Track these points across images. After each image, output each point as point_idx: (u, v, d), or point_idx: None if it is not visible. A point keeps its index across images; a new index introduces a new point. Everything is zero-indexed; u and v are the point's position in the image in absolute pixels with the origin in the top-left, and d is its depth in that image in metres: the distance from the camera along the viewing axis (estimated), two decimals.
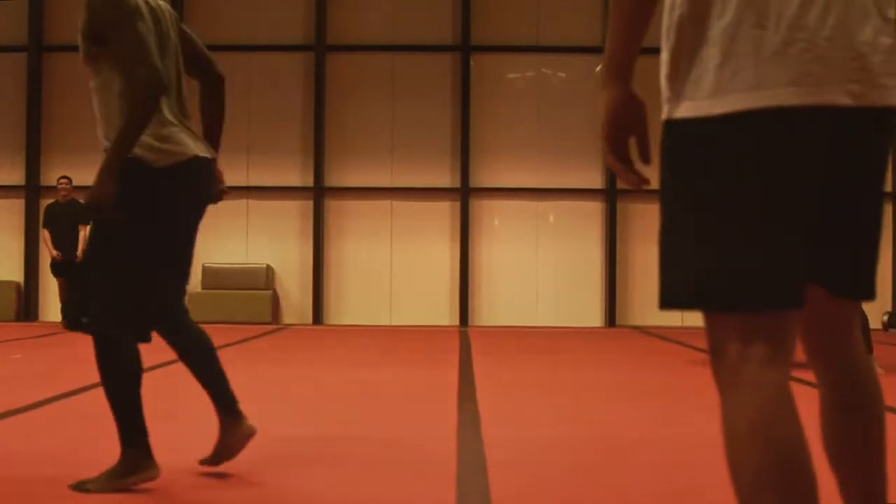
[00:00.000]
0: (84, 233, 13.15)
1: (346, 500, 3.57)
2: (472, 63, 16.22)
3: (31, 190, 16.13)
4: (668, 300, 1.89)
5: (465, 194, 16.03)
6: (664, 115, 1.92)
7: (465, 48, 16.18)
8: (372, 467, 4.14)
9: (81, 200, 13.38)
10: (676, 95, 1.89)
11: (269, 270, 16.08)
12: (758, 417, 1.77)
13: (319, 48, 16.22)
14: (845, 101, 1.83)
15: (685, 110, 1.86)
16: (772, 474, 1.74)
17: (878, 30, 1.88)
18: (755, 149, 1.81)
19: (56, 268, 13.29)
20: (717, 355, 1.86)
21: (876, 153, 1.94)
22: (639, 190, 2.09)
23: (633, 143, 2.00)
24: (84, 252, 3.84)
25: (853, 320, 2.05)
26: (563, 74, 16.24)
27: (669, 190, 1.89)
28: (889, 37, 1.89)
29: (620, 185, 16.06)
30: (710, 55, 1.84)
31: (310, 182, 16.23)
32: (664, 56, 1.92)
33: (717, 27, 1.83)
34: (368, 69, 16.33)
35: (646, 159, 1.95)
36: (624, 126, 1.97)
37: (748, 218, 1.81)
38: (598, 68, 16.28)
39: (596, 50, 16.24)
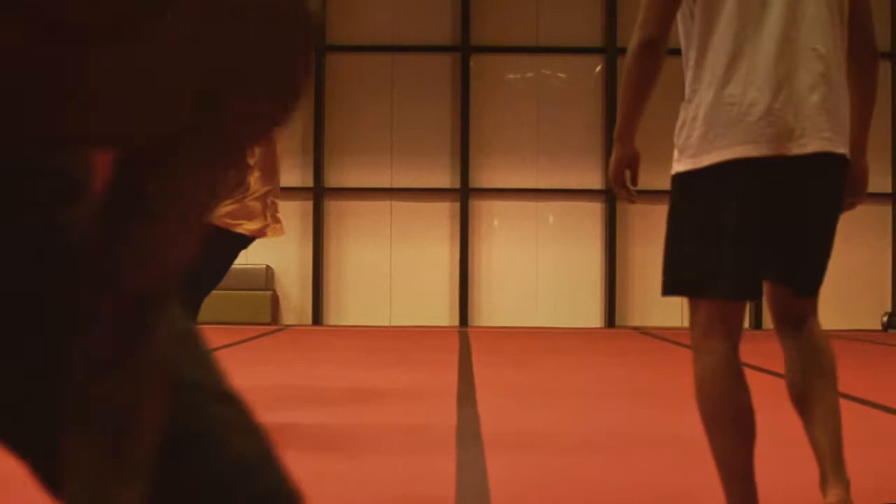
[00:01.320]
0: None
1: (345, 499, 3.57)
2: (471, 63, 16.21)
3: None
4: (666, 290, 2.77)
5: (464, 195, 16.02)
6: (672, 171, 2.72)
7: (464, 49, 16.17)
8: (371, 467, 4.14)
9: None
10: (679, 155, 2.69)
11: (268, 271, 16.07)
12: (711, 373, 2.65)
13: (320, 48, 16.21)
14: (796, 150, 2.59)
15: (683, 165, 2.68)
16: (718, 412, 2.65)
17: (824, 96, 2.61)
18: (727, 187, 2.61)
19: None
20: (692, 328, 2.71)
21: (830, 186, 2.69)
22: (632, 202, 2.95)
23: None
24: None
25: (809, 307, 2.82)
26: (563, 75, 16.23)
27: (671, 216, 2.74)
28: (834, 101, 2.63)
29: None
30: (698, 127, 2.63)
31: (310, 182, 16.22)
32: (676, 130, 2.70)
33: (703, 109, 2.63)
34: (368, 69, 16.33)
35: (634, 183, 2.86)
36: (625, 169, 2.82)
37: (716, 233, 2.62)
38: (598, 69, 16.29)
39: (596, 50, 16.25)
